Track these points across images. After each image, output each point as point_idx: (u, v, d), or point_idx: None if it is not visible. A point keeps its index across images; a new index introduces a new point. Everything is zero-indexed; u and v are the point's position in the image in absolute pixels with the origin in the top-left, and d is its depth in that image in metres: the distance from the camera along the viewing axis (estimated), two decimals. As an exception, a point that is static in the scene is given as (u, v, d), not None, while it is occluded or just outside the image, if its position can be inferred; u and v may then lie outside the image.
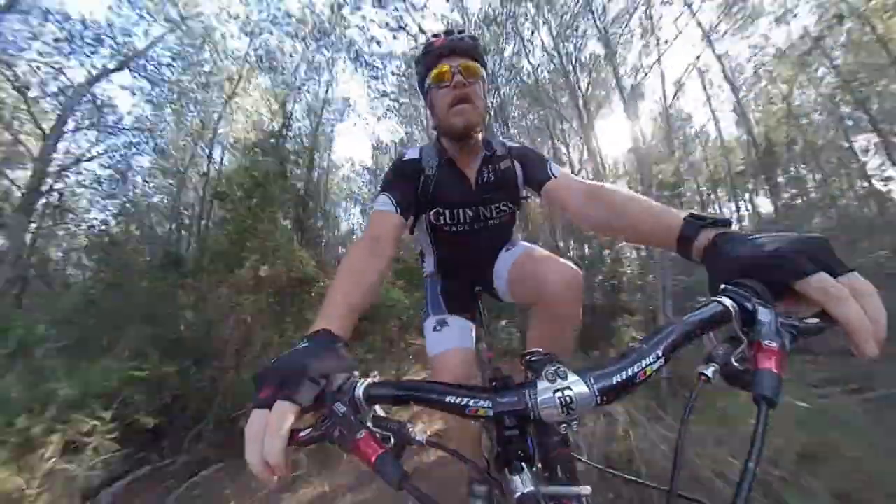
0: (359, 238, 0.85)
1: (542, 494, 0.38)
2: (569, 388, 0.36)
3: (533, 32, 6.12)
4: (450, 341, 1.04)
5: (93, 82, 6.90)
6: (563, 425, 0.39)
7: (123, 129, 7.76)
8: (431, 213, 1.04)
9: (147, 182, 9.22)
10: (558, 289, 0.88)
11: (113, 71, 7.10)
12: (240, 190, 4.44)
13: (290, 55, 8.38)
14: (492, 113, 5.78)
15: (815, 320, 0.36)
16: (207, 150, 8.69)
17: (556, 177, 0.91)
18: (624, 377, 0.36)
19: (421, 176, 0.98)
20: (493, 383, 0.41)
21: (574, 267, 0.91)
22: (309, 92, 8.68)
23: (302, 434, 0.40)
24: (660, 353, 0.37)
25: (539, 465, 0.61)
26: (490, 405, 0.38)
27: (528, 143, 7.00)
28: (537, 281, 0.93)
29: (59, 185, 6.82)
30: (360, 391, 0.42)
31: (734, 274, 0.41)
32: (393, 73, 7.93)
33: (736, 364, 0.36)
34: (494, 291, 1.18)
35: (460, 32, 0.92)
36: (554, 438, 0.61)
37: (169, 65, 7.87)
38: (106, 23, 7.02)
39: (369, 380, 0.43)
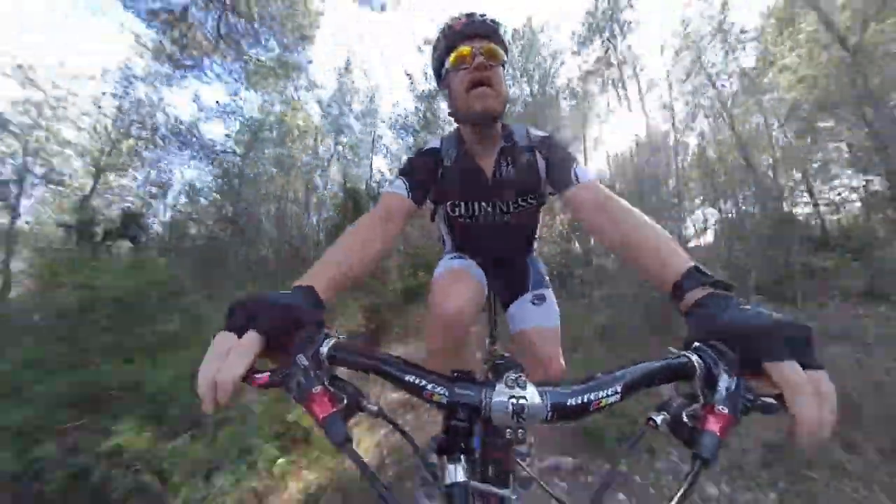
0: (366, 214, 0.85)
1: (470, 487, 0.40)
2: (524, 397, 0.37)
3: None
4: (464, 266, 1.01)
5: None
6: (509, 430, 0.41)
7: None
8: (448, 204, 1.03)
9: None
10: (538, 374, 1.02)
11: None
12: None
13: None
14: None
15: (772, 401, 0.37)
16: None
17: (578, 183, 0.84)
18: (578, 401, 0.37)
19: (439, 167, 0.96)
20: (455, 374, 0.41)
21: (559, 365, 1.05)
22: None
23: (259, 376, 0.42)
24: (618, 389, 0.38)
25: (477, 461, 0.63)
26: (446, 393, 0.39)
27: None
28: (526, 359, 1.05)
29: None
30: (325, 348, 0.43)
31: (710, 335, 0.41)
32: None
33: (686, 420, 0.37)
34: (507, 313, 1.22)
35: (482, 15, 0.86)
36: (498, 440, 0.63)
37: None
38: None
39: (335, 340, 0.44)
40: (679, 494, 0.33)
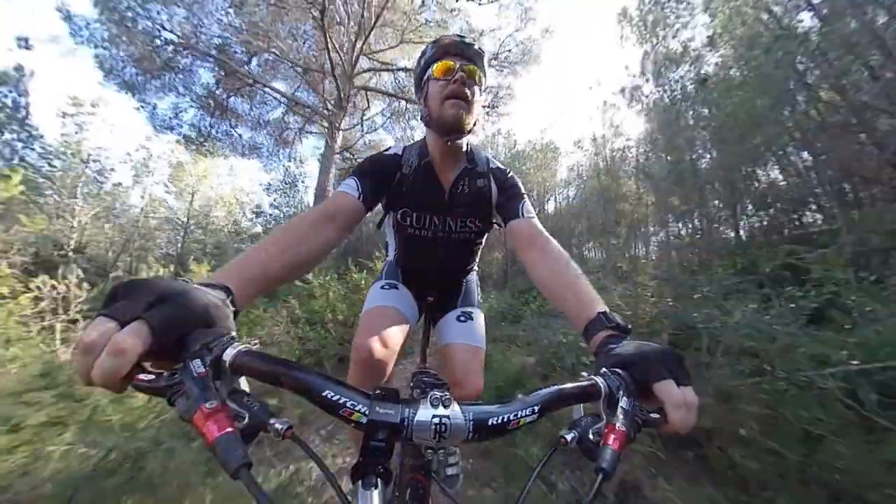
0: (310, 209, 0.80)
1: None
2: (447, 417, 0.37)
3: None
4: (391, 300, 1.08)
5: None
6: (430, 451, 0.40)
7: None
8: (399, 212, 1.02)
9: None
10: (459, 391, 0.98)
11: None
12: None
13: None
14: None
15: (656, 416, 0.45)
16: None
17: (522, 217, 0.93)
18: (499, 421, 0.39)
19: (397, 173, 0.96)
20: (377, 391, 0.39)
21: (476, 383, 1.03)
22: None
23: (142, 377, 0.34)
24: (536, 409, 0.41)
25: (394, 486, 0.60)
26: (366, 411, 0.36)
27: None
28: (447, 375, 1.04)
29: None
30: (228, 354, 0.37)
31: (610, 366, 0.48)
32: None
33: (591, 437, 0.42)
34: (436, 326, 1.22)
35: (472, 41, 0.91)
36: (417, 461, 0.61)
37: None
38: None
39: (243, 346, 0.38)
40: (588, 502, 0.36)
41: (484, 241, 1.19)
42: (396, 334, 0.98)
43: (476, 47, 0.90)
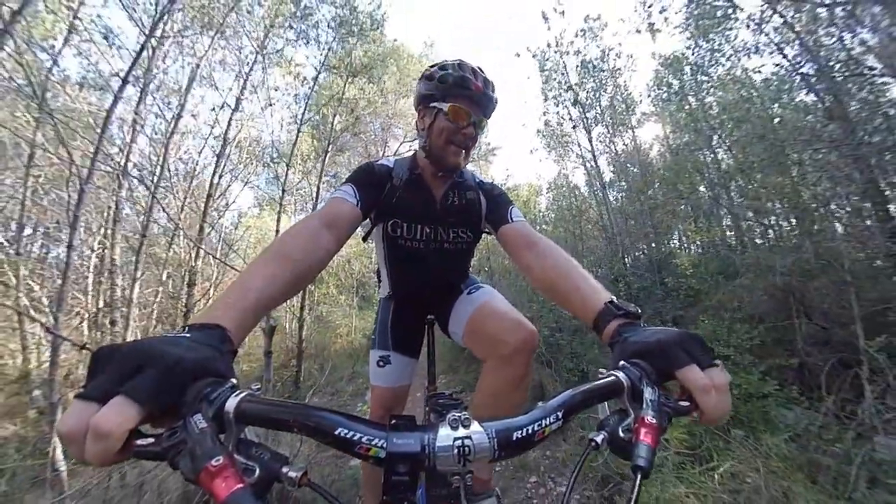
0: (307, 217, 0.74)
1: None
2: (469, 437, 0.35)
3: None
4: (388, 379, 1.13)
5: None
6: (457, 477, 0.37)
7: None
8: (389, 223, 1.00)
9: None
10: (510, 351, 0.88)
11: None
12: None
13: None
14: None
15: (686, 403, 0.42)
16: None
17: (513, 222, 0.94)
18: (524, 434, 0.36)
19: (388, 184, 0.96)
20: (392, 421, 0.37)
21: (530, 327, 0.90)
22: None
23: (140, 442, 0.32)
24: (559, 415, 0.39)
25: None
26: (384, 445, 0.34)
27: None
28: (494, 340, 0.93)
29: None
30: (231, 405, 0.34)
31: (629, 356, 0.46)
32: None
33: (622, 435, 0.39)
34: (448, 330, 1.14)
35: (493, 92, 0.93)
36: (443, 490, 0.57)
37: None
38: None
39: (245, 392, 0.35)
40: None
41: (474, 252, 1.19)
42: (399, 404, 1.15)
43: (495, 100, 0.94)
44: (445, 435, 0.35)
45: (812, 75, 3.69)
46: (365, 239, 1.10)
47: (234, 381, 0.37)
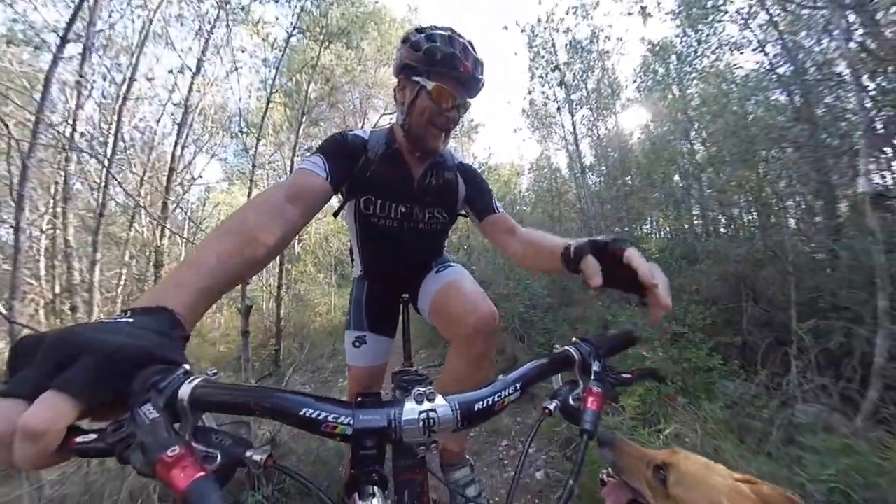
0: (270, 188, 0.69)
1: None
2: (434, 410, 0.37)
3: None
4: (365, 359, 1.14)
5: None
6: (422, 447, 0.40)
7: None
8: (362, 199, 0.94)
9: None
10: (469, 331, 0.89)
11: None
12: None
13: None
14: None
15: (627, 375, 0.48)
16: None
17: (498, 213, 1.00)
18: (485, 404, 0.40)
19: (362, 157, 0.90)
20: (359, 398, 0.38)
21: (490, 308, 0.90)
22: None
23: (80, 440, 0.29)
24: (518, 386, 0.42)
25: (391, 490, 0.60)
26: (350, 422, 0.34)
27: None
28: (454, 321, 0.93)
29: None
30: (184, 391, 0.32)
31: (584, 253, 0.56)
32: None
33: (572, 403, 0.45)
34: (418, 307, 1.15)
35: (482, 74, 0.89)
36: (409, 461, 0.61)
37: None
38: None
39: (200, 378, 0.34)
40: (578, 463, 0.39)
41: (448, 234, 1.20)
42: (376, 382, 1.17)
43: (482, 82, 0.90)
44: (411, 409, 0.37)
45: (787, 76, 3.82)
46: (336, 215, 1.05)
47: (186, 367, 0.35)
